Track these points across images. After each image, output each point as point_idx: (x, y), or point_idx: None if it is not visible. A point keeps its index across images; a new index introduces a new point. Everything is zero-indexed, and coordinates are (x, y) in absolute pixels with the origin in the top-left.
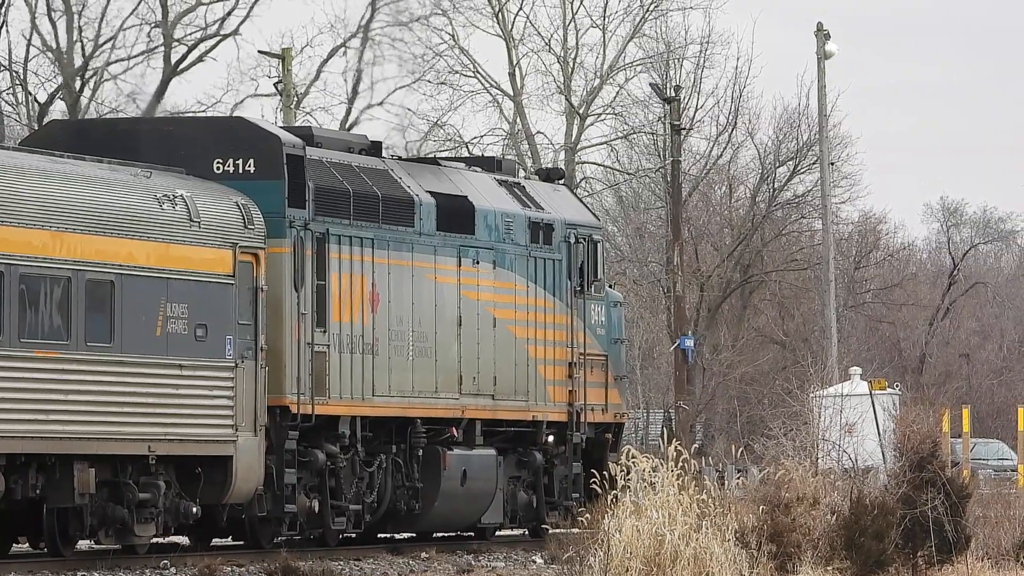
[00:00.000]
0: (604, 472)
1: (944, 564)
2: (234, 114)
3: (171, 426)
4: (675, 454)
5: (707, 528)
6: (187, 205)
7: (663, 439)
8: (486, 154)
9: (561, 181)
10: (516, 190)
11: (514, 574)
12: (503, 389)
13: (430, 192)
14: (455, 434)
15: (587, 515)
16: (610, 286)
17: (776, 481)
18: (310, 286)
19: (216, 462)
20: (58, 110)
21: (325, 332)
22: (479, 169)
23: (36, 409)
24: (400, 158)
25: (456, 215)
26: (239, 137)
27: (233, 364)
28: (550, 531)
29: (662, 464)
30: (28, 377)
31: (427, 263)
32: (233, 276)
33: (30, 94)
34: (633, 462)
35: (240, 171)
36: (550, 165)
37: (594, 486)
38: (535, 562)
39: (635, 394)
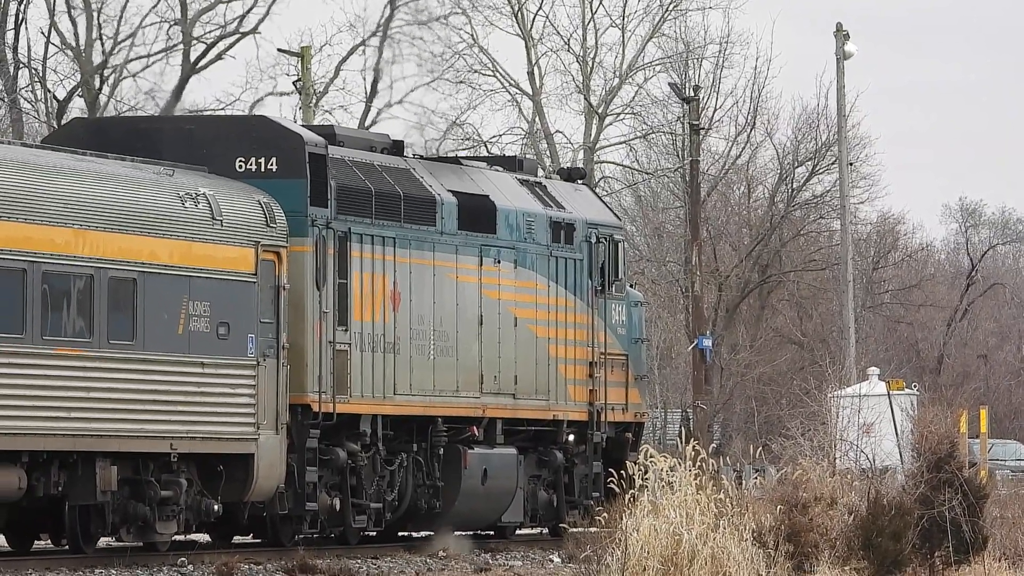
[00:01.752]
0: (623, 471)
1: (961, 564)
2: (255, 113)
3: (193, 424)
4: (693, 454)
5: (725, 528)
6: (210, 203)
7: (681, 438)
8: (505, 153)
9: (582, 181)
10: (537, 190)
11: (531, 573)
12: (524, 388)
13: (452, 191)
14: (476, 433)
15: (605, 514)
16: (631, 286)
17: (794, 481)
18: (332, 285)
19: (238, 460)
20: (77, 107)
21: (347, 331)
22: (500, 168)
23: (58, 407)
24: (422, 157)
25: (478, 214)
26: (262, 136)
27: (255, 362)
28: (569, 530)
29: (680, 463)
30: (51, 375)
31: (449, 262)
32: (255, 274)
33: (49, 91)
34: (651, 461)
35: (262, 170)
36: (569, 164)
37: (612, 485)
38: (552, 561)
39: (653, 393)
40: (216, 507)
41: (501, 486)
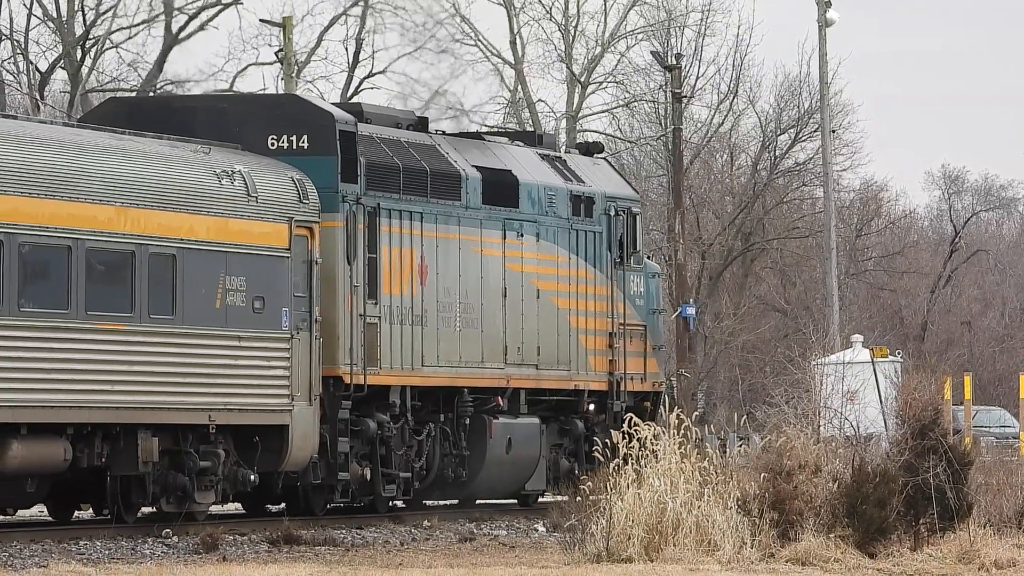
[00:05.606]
0: (607, 440)
1: (946, 531)
2: (286, 92)
3: (230, 396)
4: (677, 422)
5: (709, 496)
6: (245, 180)
7: (665, 407)
8: (487, 122)
9: (601, 155)
10: (558, 164)
11: (516, 543)
12: (546, 359)
13: (476, 167)
14: (500, 403)
15: (589, 483)
16: (647, 258)
17: (778, 449)
18: (362, 259)
19: (273, 431)
20: (59, 79)
21: (376, 304)
22: (522, 143)
23: (102, 380)
24: (445, 133)
25: (501, 189)
26: (293, 114)
27: (289, 335)
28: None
29: (664, 432)
30: (94, 349)
31: (473, 236)
32: (289, 250)
33: (31, 63)
34: (635, 430)
35: (294, 147)
36: (551, 132)
37: (596, 454)
38: (537, 530)
39: None
40: (252, 477)
41: (525, 455)
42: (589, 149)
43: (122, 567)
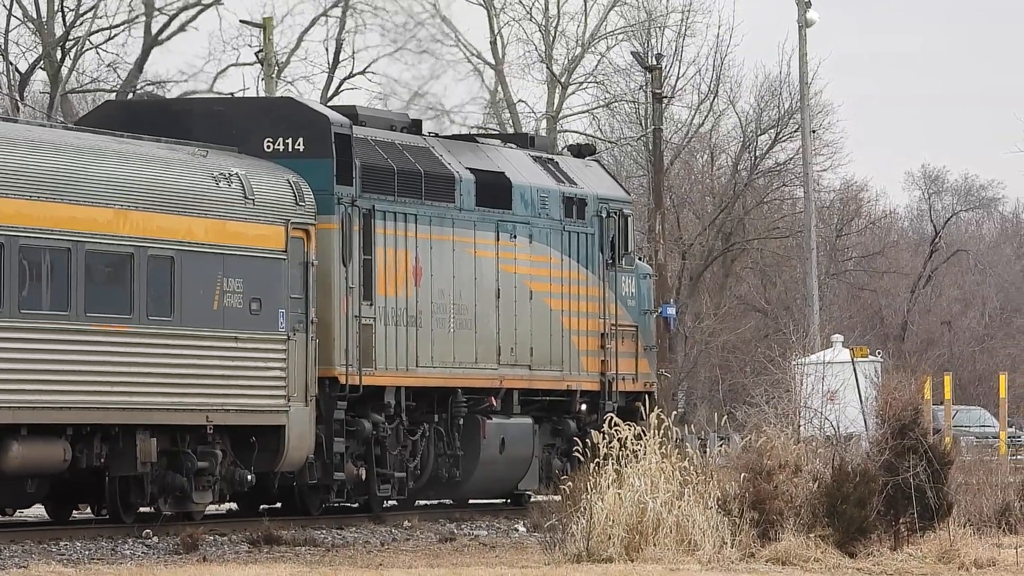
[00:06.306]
0: (587, 440)
1: (926, 531)
2: (282, 95)
3: (228, 396)
4: (657, 422)
5: (689, 496)
6: (242, 183)
7: (645, 407)
8: (468, 123)
9: (592, 157)
10: (550, 166)
11: (496, 543)
12: (539, 359)
13: (469, 169)
14: (494, 403)
15: (569, 483)
16: (639, 259)
17: (758, 449)
18: (357, 261)
19: (269, 431)
20: (39, 80)
21: (372, 305)
22: (514, 146)
23: (101, 381)
24: (438, 135)
25: (494, 191)
26: (289, 117)
27: (286, 336)
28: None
29: (644, 432)
30: (94, 350)
31: (467, 238)
32: (285, 251)
33: (11, 64)
34: (616, 430)
35: (290, 150)
36: (532, 133)
37: (577, 454)
38: (517, 530)
39: None
40: (249, 477)
41: (518, 454)
42: (581, 151)
43: (102, 567)
